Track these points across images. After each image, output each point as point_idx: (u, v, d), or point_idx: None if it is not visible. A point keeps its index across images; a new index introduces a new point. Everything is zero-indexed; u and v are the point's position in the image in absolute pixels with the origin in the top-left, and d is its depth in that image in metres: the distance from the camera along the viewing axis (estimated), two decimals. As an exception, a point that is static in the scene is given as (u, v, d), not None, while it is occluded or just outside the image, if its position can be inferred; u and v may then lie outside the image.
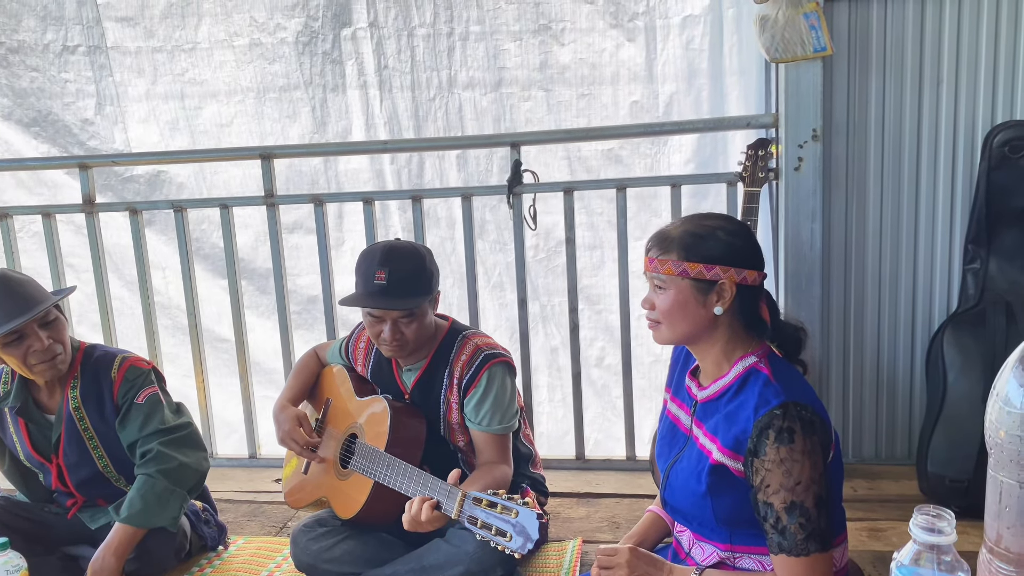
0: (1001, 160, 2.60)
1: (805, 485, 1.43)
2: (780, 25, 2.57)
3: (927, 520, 0.92)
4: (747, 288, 1.56)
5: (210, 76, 3.36)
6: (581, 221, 3.22)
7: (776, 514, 1.45)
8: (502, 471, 2.27)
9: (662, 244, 1.57)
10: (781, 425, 1.44)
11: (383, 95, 3.26)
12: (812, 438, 1.45)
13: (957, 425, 2.60)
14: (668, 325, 1.58)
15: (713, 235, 1.56)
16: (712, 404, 1.59)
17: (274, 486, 3.14)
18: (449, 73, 3.19)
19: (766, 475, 1.45)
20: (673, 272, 1.54)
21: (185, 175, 3.52)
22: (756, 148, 2.71)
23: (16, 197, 3.58)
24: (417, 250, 2.31)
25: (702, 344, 1.60)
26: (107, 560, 2.25)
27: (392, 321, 2.22)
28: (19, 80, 3.48)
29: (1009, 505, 0.92)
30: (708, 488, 1.54)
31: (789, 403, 1.46)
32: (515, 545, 1.66)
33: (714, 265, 1.53)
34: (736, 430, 1.50)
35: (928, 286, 2.87)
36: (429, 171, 3.34)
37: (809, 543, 1.44)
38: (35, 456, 2.47)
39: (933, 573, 0.91)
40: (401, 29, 3.17)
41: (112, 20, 3.36)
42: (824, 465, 1.48)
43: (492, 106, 3.20)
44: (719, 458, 1.52)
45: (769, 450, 1.44)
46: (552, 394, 3.45)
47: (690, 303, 1.54)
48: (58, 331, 2.34)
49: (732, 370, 1.57)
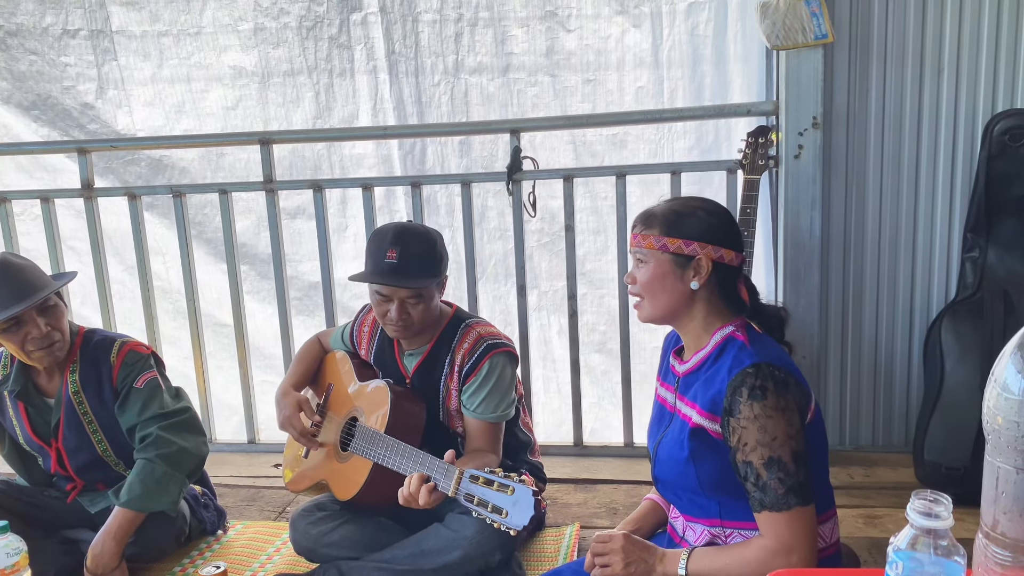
0: (1001, 149, 2.60)
1: (781, 440, 1.47)
2: (781, 12, 2.56)
3: (924, 504, 0.93)
4: (724, 267, 1.61)
5: (215, 60, 3.36)
6: (585, 206, 3.24)
7: (756, 471, 1.48)
8: (490, 459, 2.27)
9: (646, 221, 1.65)
10: (754, 383, 1.48)
11: (392, 80, 3.26)
12: (786, 396, 1.49)
13: (954, 413, 2.61)
14: (649, 298, 1.64)
15: (694, 214, 1.63)
16: (693, 375, 1.64)
17: (273, 471, 3.15)
18: (456, 58, 3.19)
19: (742, 433, 1.49)
20: (654, 247, 1.61)
21: (189, 158, 3.52)
22: (756, 136, 2.70)
23: (17, 181, 3.57)
24: (429, 232, 2.32)
25: (682, 319, 1.65)
26: (107, 544, 2.26)
27: (399, 301, 2.23)
28: (18, 63, 3.47)
29: (1006, 491, 0.92)
30: (690, 453, 1.58)
31: (762, 363, 1.50)
32: (511, 522, 1.67)
33: (692, 241, 1.59)
34: (712, 392, 1.55)
35: (927, 274, 2.88)
36: (434, 156, 3.34)
37: (789, 497, 1.47)
38: (35, 440, 2.47)
39: (930, 557, 0.92)
40: (407, 15, 3.18)
41: (118, 4, 3.36)
42: (801, 424, 1.51)
43: (500, 91, 3.21)
44: (698, 420, 1.57)
45: (743, 408, 1.48)
46: (548, 384, 3.45)
47: (668, 276, 1.61)
48: (56, 318, 2.34)
49: (711, 340, 1.62)
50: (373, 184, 3.12)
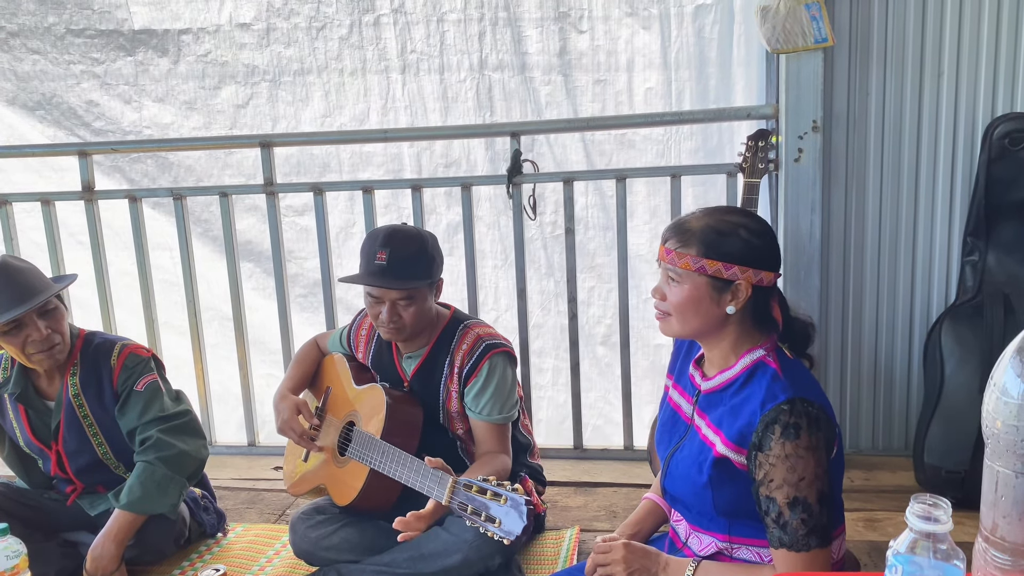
0: (1001, 152, 2.60)
1: (809, 481, 1.43)
2: (781, 15, 2.56)
3: (923, 508, 0.93)
4: (762, 289, 1.54)
5: (230, 58, 3.39)
6: (595, 202, 3.26)
7: (779, 509, 1.45)
8: (502, 461, 2.28)
9: (681, 236, 1.54)
10: (788, 421, 1.43)
11: (407, 79, 3.28)
12: (818, 435, 1.44)
13: (954, 417, 2.60)
14: (679, 319, 1.56)
15: (735, 233, 1.52)
16: (717, 395, 1.58)
17: (273, 474, 3.15)
18: (480, 56, 3.23)
19: (770, 469, 1.44)
20: (691, 268, 1.51)
21: (195, 156, 3.53)
22: (756, 139, 2.70)
23: (25, 179, 3.57)
24: (420, 234, 2.33)
25: (710, 339, 1.59)
26: (107, 546, 2.26)
27: (391, 303, 2.23)
28: (21, 64, 3.48)
29: (1005, 495, 0.92)
30: (709, 480, 1.53)
31: (796, 399, 1.44)
32: (504, 531, 1.67)
33: (733, 265, 1.50)
34: (741, 423, 1.49)
35: (927, 278, 2.88)
36: (455, 151, 3.36)
37: (810, 538, 1.43)
38: (34, 442, 2.47)
39: (929, 561, 0.92)
40: (431, 15, 3.21)
41: (139, 4, 3.38)
42: (828, 461, 1.47)
43: (519, 88, 3.23)
44: (723, 451, 1.51)
45: (774, 445, 1.43)
46: (548, 386, 3.46)
47: (704, 300, 1.52)
48: (57, 321, 2.34)
49: (739, 362, 1.55)
50: (374, 187, 3.12)
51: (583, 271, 3.17)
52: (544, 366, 3.41)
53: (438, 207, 3.34)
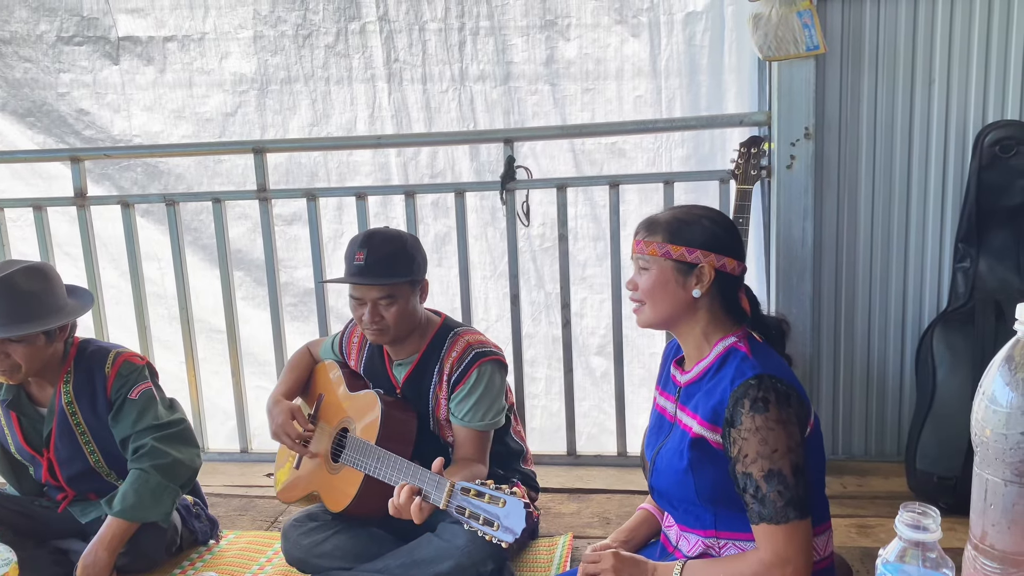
0: (992, 159, 2.62)
1: (782, 453, 1.47)
2: (773, 23, 2.58)
3: (912, 517, 0.93)
4: (726, 276, 1.62)
5: (216, 66, 3.39)
6: (585, 212, 3.25)
7: (755, 483, 1.49)
8: (478, 469, 2.27)
9: (649, 227, 1.66)
10: (756, 395, 1.49)
11: (392, 88, 3.28)
12: (787, 409, 1.49)
13: (946, 423, 2.61)
14: (650, 304, 1.65)
15: (698, 222, 1.63)
16: (694, 385, 1.64)
17: (265, 481, 3.14)
18: (461, 67, 3.22)
19: (743, 444, 1.49)
20: (657, 253, 1.62)
21: (185, 164, 3.52)
22: (749, 146, 2.71)
23: (13, 187, 3.56)
24: (399, 235, 2.35)
25: (683, 327, 1.66)
26: (98, 554, 2.25)
27: (372, 303, 2.24)
28: (12, 71, 3.48)
29: (994, 503, 0.92)
30: (689, 463, 1.58)
31: (764, 375, 1.51)
32: (502, 534, 1.67)
33: (695, 249, 1.60)
34: (713, 402, 1.55)
35: (918, 284, 2.89)
36: (440, 163, 3.36)
37: (788, 510, 1.47)
38: (26, 449, 2.46)
39: (918, 570, 0.92)
40: (413, 24, 3.20)
41: (122, 12, 3.37)
42: (801, 436, 1.52)
43: (502, 99, 3.23)
44: (699, 431, 1.57)
45: (745, 419, 1.49)
46: (542, 393, 3.45)
47: (670, 283, 1.61)
48: (30, 353, 2.31)
49: (713, 351, 1.63)
50: (367, 193, 3.12)
51: (575, 283, 3.15)
52: (537, 375, 3.40)
53: (425, 218, 3.33)
